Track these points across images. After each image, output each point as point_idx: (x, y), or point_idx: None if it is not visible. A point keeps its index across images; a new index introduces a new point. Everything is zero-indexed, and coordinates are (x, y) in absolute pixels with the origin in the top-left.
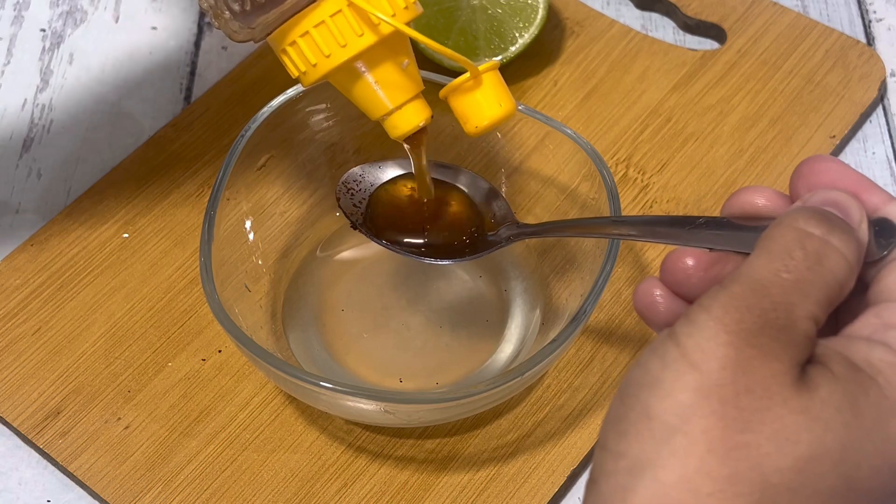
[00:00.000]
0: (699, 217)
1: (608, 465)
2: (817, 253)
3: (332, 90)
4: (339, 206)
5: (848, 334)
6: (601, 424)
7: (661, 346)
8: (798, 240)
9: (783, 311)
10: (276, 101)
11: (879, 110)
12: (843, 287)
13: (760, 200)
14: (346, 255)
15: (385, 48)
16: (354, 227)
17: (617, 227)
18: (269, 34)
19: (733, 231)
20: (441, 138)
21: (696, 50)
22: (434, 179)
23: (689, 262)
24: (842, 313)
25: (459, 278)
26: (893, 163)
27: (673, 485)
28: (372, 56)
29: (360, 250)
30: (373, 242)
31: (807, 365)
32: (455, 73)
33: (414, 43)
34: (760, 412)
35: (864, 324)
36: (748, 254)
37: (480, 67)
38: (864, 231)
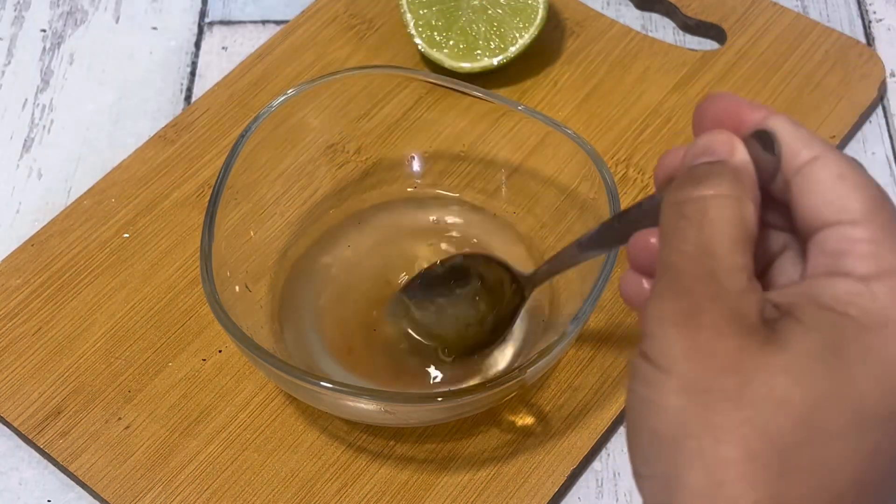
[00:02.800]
0: (636, 205)
1: (646, 491)
2: (698, 212)
3: (332, 90)
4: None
5: (809, 277)
6: (631, 462)
7: (637, 368)
8: (677, 212)
9: (705, 281)
10: (276, 102)
11: (879, 110)
12: (745, 222)
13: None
14: (345, 254)
15: None
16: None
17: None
18: None
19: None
20: (442, 138)
21: (696, 50)
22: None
23: (653, 240)
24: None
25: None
26: (893, 163)
27: (703, 486)
28: None
29: (359, 250)
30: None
31: (777, 321)
32: (455, 73)
33: (414, 43)
34: (744, 386)
35: (816, 263)
36: None
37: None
38: (739, 156)
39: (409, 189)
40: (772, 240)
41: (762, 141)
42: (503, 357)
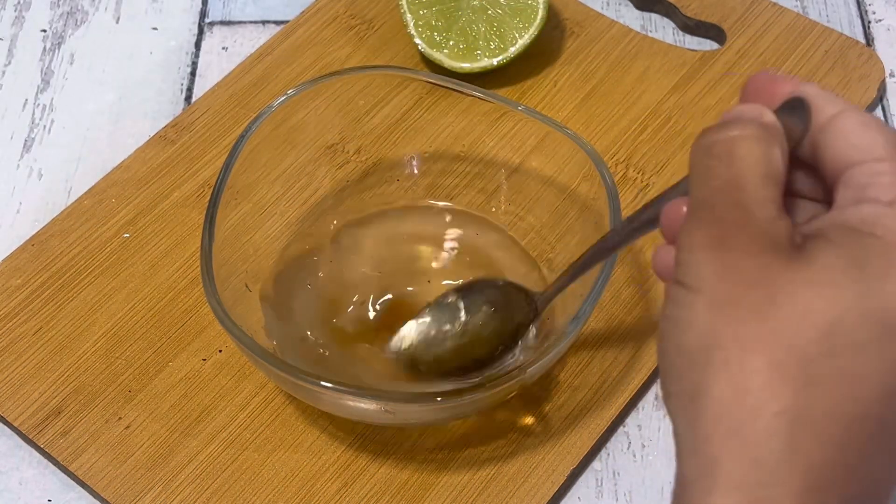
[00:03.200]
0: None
1: (674, 407)
2: (726, 151)
3: (332, 90)
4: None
5: (835, 209)
6: (661, 384)
7: (670, 293)
8: (705, 153)
9: (734, 210)
10: (277, 102)
11: (879, 111)
12: (772, 161)
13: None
14: (345, 254)
15: None
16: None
17: (615, 241)
18: None
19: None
20: (442, 138)
21: (695, 50)
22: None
23: (685, 208)
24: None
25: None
26: None
27: (728, 395)
28: None
29: (359, 250)
30: (372, 242)
31: (805, 244)
32: (455, 73)
33: (414, 43)
34: (770, 299)
35: (843, 197)
36: None
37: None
38: (768, 118)
39: (408, 189)
40: (800, 209)
41: (792, 108)
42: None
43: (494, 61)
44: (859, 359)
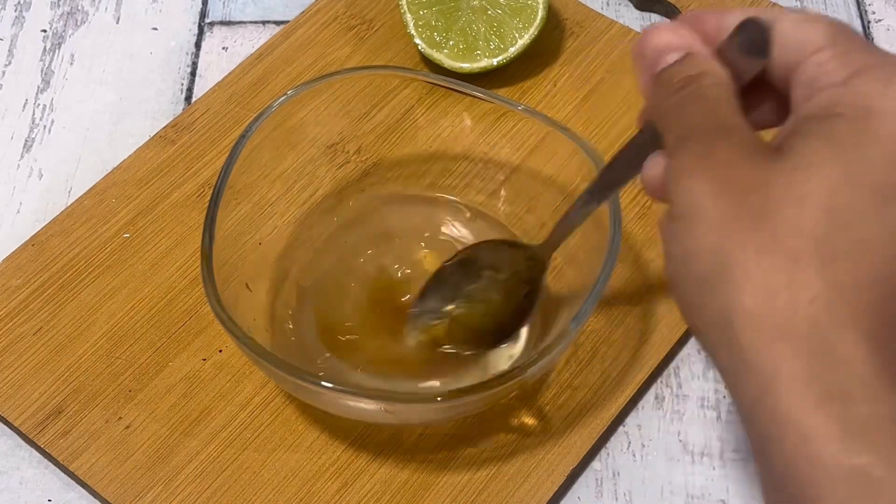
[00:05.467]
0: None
1: (708, 339)
2: (694, 93)
3: (332, 90)
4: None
5: (794, 110)
6: (689, 325)
7: (668, 233)
8: (675, 100)
9: (715, 134)
10: (277, 102)
11: None
12: (732, 91)
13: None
14: (345, 254)
15: None
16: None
17: (594, 195)
18: None
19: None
20: (442, 138)
21: None
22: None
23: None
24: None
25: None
26: None
27: (761, 303)
28: None
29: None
30: (372, 242)
31: (780, 145)
32: (455, 73)
33: (414, 43)
34: (767, 200)
35: (797, 96)
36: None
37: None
38: (708, 59)
39: (408, 189)
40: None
41: (747, 33)
42: (506, 357)
43: (494, 61)
44: (865, 227)
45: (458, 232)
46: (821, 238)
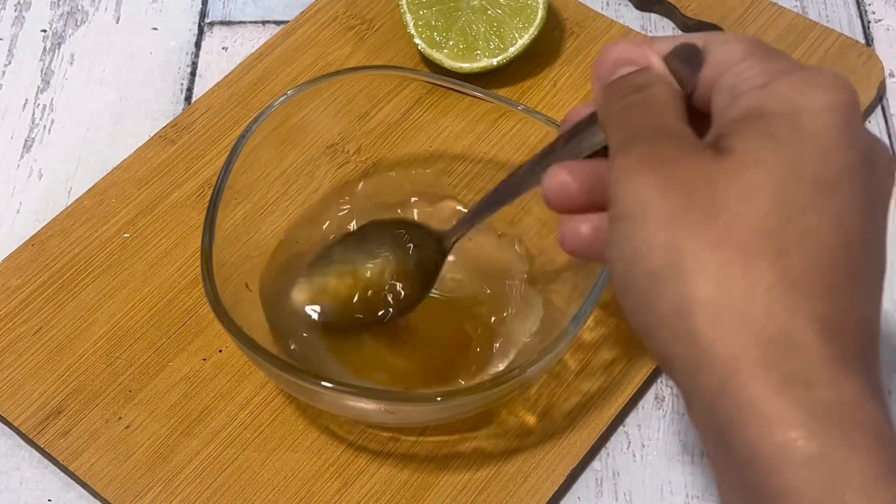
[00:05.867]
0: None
1: (659, 339)
2: (641, 98)
3: (332, 90)
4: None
5: (715, 116)
6: (633, 322)
7: (614, 232)
8: (621, 103)
9: (659, 134)
10: (277, 102)
11: (878, 111)
12: (677, 97)
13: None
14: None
15: None
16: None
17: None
18: None
19: (579, 135)
20: (442, 138)
21: None
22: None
23: (566, 176)
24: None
25: (461, 281)
26: None
27: (717, 295)
28: None
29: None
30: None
31: (717, 143)
32: (455, 73)
33: (414, 43)
34: (715, 196)
35: (717, 103)
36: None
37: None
38: (658, 65)
39: (408, 189)
40: None
41: (682, 55)
42: (503, 357)
43: (494, 61)
44: (809, 217)
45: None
46: (771, 231)
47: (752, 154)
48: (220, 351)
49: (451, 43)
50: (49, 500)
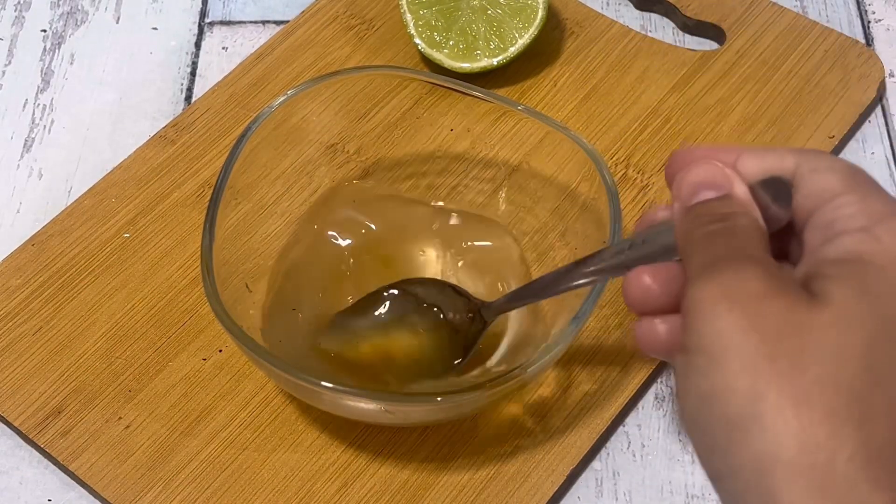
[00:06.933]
0: (624, 242)
1: (732, 488)
2: (725, 227)
3: (332, 90)
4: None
5: (807, 254)
6: (702, 462)
7: (687, 366)
8: (701, 226)
9: (746, 265)
10: (277, 102)
11: (878, 111)
12: (762, 227)
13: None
14: (344, 254)
15: None
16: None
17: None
18: None
19: (650, 244)
20: (442, 138)
21: (695, 50)
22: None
23: (648, 279)
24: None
25: (461, 281)
26: (892, 163)
27: (799, 455)
28: None
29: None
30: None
31: (808, 285)
32: (455, 73)
33: (414, 43)
34: (805, 346)
35: (812, 239)
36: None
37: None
38: (739, 188)
39: (408, 189)
40: None
41: (773, 186)
42: (495, 352)
43: (494, 61)
44: None
45: (458, 232)
46: (859, 395)
47: (849, 309)
48: (220, 351)
49: (451, 43)
50: (49, 500)
